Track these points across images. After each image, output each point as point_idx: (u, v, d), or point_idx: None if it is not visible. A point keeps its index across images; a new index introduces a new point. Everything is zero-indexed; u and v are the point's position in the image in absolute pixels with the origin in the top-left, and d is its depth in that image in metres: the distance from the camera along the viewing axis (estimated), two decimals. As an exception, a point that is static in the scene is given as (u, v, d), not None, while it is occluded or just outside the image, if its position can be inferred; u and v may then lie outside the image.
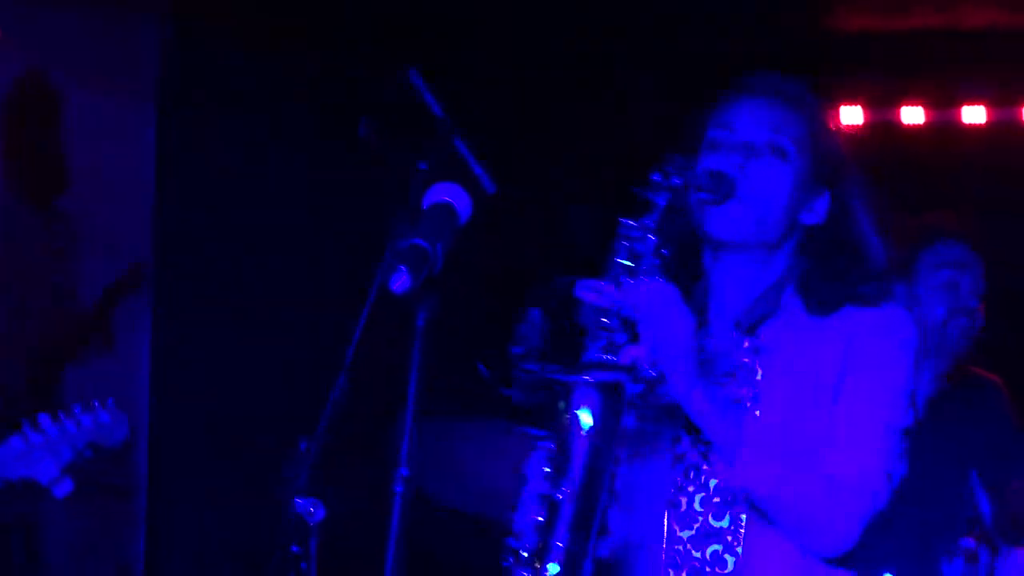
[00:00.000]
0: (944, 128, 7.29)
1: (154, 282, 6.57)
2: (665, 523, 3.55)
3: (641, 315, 3.36)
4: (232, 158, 6.61)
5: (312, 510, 3.79)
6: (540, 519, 3.35)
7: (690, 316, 3.39)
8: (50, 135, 6.38)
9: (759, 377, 3.54)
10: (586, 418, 3.32)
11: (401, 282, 3.29)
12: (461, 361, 4.12)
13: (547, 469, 3.35)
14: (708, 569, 3.51)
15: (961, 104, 7.25)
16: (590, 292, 3.39)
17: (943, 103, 7.29)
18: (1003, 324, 5.89)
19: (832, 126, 3.68)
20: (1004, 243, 5.86)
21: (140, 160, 6.60)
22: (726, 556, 3.51)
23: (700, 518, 3.53)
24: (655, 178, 3.44)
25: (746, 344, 3.56)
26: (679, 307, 3.39)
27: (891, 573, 5.00)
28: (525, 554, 3.37)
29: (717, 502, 3.53)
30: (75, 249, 6.46)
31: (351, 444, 3.77)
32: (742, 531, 3.50)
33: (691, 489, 3.55)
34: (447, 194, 3.49)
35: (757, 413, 3.48)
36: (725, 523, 3.51)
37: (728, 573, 3.51)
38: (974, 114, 7.24)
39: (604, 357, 3.35)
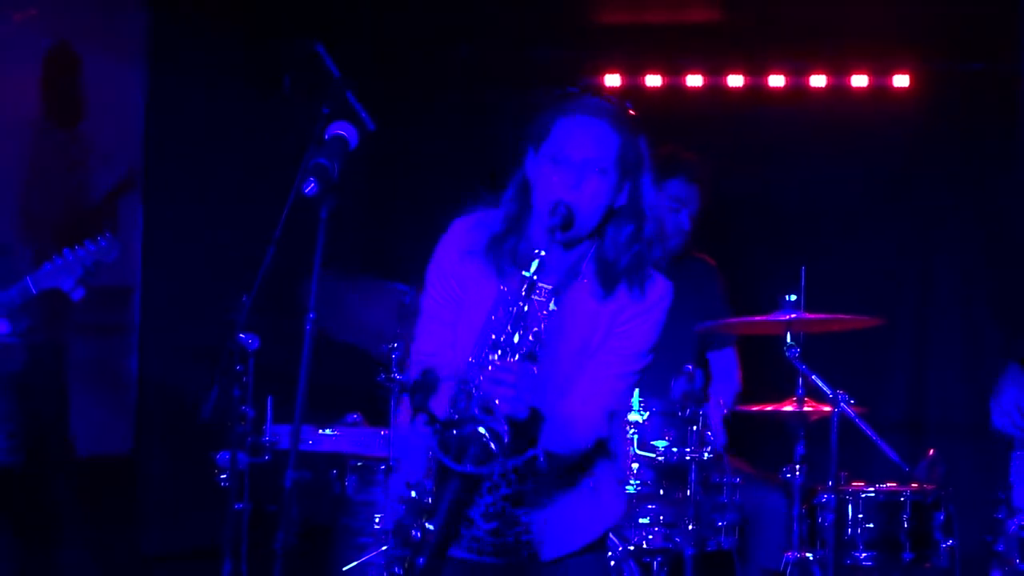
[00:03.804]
0: (674, 90, 7.27)
1: (144, 184, 6.48)
2: None
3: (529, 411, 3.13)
4: (200, 99, 6.50)
5: (250, 341, 3.79)
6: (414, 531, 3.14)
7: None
8: (73, 84, 6.26)
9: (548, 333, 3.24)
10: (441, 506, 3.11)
11: (311, 188, 3.31)
12: (350, 240, 4.12)
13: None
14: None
15: (686, 73, 7.25)
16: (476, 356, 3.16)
17: (672, 72, 7.27)
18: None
19: (637, 130, 3.37)
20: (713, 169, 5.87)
21: (135, 101, 6.50)
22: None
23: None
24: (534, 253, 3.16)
25: (553, 307, 3.26)
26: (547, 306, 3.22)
27: (638, 388, 5.03)
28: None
29: None
30: (89, 161, 6.36)
31: (276, 296, 3.76)
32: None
33: None
34: (342, 129, 3.49)
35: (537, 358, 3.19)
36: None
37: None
38: (695, 80, 7.24)
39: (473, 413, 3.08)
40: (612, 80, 7.20)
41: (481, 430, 3.08)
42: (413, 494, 3.19)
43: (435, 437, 3.11)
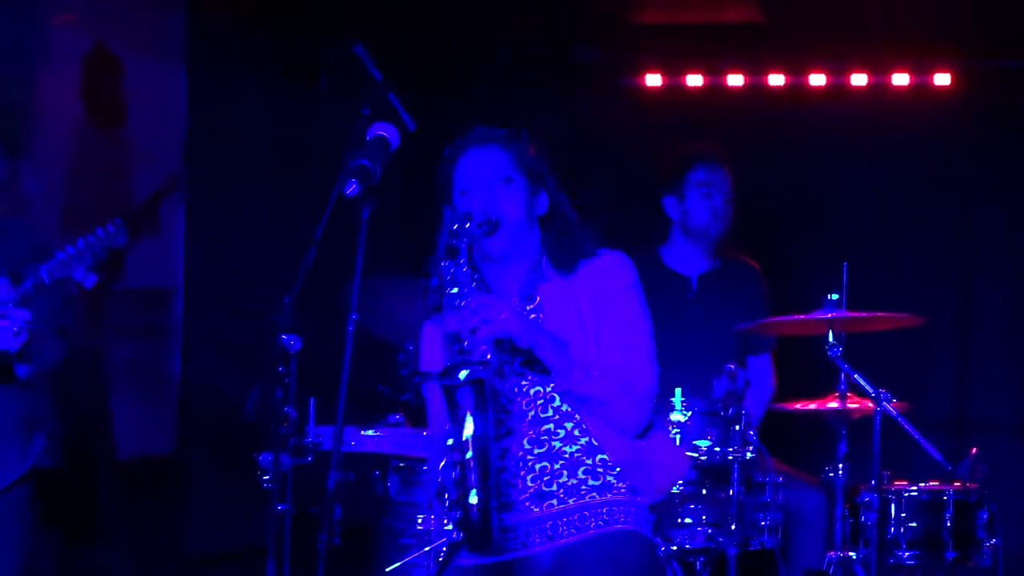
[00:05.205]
0: (715, 89, 7.28)
1: (186, 186, 6.51)
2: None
3: (508, 322, 3.35)
4: (241, 100, 6.53)
5: (293, 342, 3.80)
6: (455, 475, 3.30)
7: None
8: (113, 85, 6.30)
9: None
10: (469, 426, 3.29)
11: (352, 189, 3.35)
12: (393, 241, 4.13)
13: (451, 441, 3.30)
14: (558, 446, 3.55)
15: (726, 73, 7.25)
16: (446, 323, 3.41)
17: (713, 72, 7.27)
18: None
19: (534, 148, 3.69)
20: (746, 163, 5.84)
21: (175, 102, 6.52)
22: (575, 432, 3.56)
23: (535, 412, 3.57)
24: (455, 231, 3.45)
25: (529, 307, 3.57)
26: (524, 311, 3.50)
27: (680, 388, 5.04)
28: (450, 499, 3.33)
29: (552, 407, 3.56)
30: (130, 163, 6.39)
31: (318, 297, 3.77)
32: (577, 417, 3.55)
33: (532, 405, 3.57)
34: (383, 130, 3.52)
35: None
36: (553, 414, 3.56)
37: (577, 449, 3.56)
38: (735, 80, 7.24)
39: (460, 359, 3.33)
40: (653, 80, 7.20)
41: (462, 374, 3.28)
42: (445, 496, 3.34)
43: (440, 388, 3.34)
